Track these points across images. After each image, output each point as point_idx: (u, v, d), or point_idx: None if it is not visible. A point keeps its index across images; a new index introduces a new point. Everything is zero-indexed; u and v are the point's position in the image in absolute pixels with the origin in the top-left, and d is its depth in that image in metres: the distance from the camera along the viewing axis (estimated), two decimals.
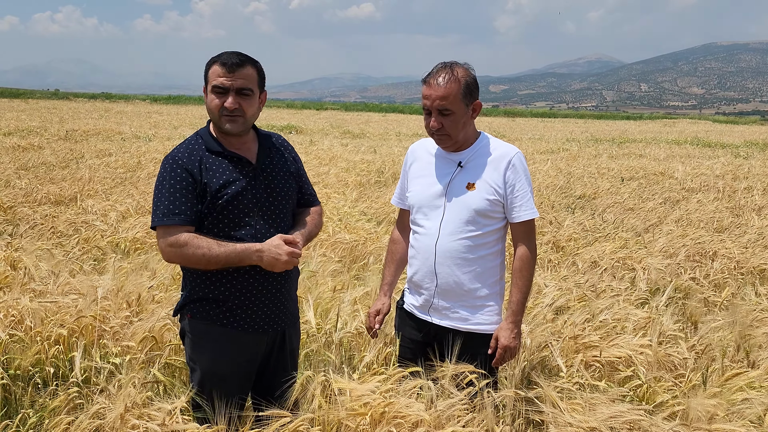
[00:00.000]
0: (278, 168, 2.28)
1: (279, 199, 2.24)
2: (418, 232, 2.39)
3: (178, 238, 2.07)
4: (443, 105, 2.19)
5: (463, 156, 2.31)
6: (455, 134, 2.25)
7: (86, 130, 19.11)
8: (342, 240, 5.66)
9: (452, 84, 2.18)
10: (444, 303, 2.35)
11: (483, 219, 2.27)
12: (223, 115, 2.12)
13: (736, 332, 3.46)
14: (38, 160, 11.14)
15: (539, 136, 25.98)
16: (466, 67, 2.26)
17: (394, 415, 1.88)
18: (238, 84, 2.10)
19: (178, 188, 2.09)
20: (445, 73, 2.20)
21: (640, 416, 2.09)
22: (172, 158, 2.15)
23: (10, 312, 3.22)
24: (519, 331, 2.31)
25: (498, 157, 2.29)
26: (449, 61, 2.26)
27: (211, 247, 2.06)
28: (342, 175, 10.46)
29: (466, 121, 2.26)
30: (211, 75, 2.12)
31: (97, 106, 41.53)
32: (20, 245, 4.93)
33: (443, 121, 2.22)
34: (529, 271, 2.32)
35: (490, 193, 2.26)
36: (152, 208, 2.12)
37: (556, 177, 11.20)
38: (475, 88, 2.25)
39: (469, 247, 2.28)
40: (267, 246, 2.10)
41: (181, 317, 2.27)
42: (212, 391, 2.13)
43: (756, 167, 13.56)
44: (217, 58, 2.12)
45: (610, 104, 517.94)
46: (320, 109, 56.57)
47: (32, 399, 2.79)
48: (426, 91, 2.22)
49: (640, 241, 6.17)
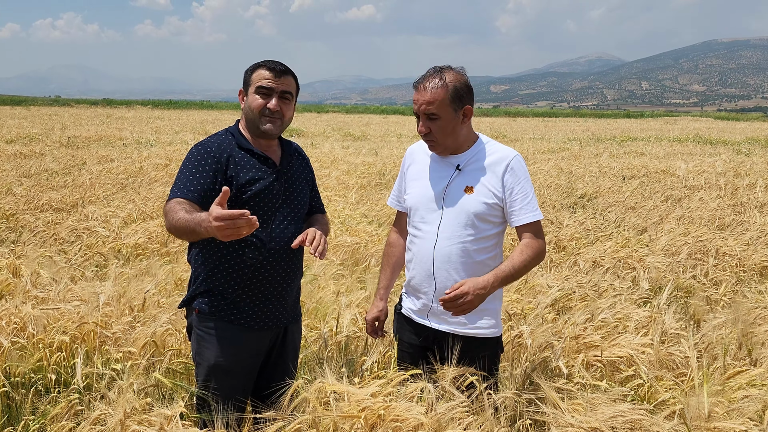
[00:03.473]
0: (297, 173, 2.37)
1: (296, 202, 2.33)
2: (416, 235, 2.37)
3: (167, 204, 2.11)
4: (430, 110, 2.19)
5: (461, 159, 2.30)
6: (443, 139, 2.25)
7: (88, 136, 19.17)
8: (344, 243, 5.67)
9: (440, 89, 2.18)
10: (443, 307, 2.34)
11: (481, 223, 2.26)
12: (264, 116, 2.21)
13: (739, 330, 3.45)
14: (40, 167, 11.18)
15: (540, 135, 25.97)
16: (458, 71, 2.24)
17: (393, 419, 1.88)
18: (282, 87, 2.21)
19: (200, 170, 2.15)
20: (435, 77, 2.20)
21: (641, 416, 2.08)
22: (202, 145, 2.22)
23: (12, 319, 3.23)
24: (485, 293, 2.12)
25: (496, 161, 2.27)
26: (442, 65, 2.25)
27: (179, 213, 2.01)
28: (343, 178, 10.47)
29: (456, 126, 2.24)
30: (255, 77, 2.22)
31: (99, 113, 41.63)
32: (23, 252, 4.95)
33: (431, 125, 2.22)
34: (530, 255, 2.21)
35: (488, 196, 2.24)
36: (171, 187, 2.18)
37: (557, 176, 11.20)
38: (465, 93, 2.22)
39: (468, 251, 2.26)
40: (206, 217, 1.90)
41: (188, 313, 2.32)
42: (217, 386, 2.19)
43: (758, 164, 13.54)
44: (263, 63, 2.23)
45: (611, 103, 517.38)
46: (321, 112, 56.68)
47: (34, 406, 2.80)
48: (415, 96, 2.23)
49: (642, 240, 6.16)
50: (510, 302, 3.81)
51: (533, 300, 4.01)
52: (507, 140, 22.56)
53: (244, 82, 2.28)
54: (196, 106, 60.82)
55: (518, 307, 3.77)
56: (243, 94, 2.29)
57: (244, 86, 2.27)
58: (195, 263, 2.29)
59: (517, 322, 3.56)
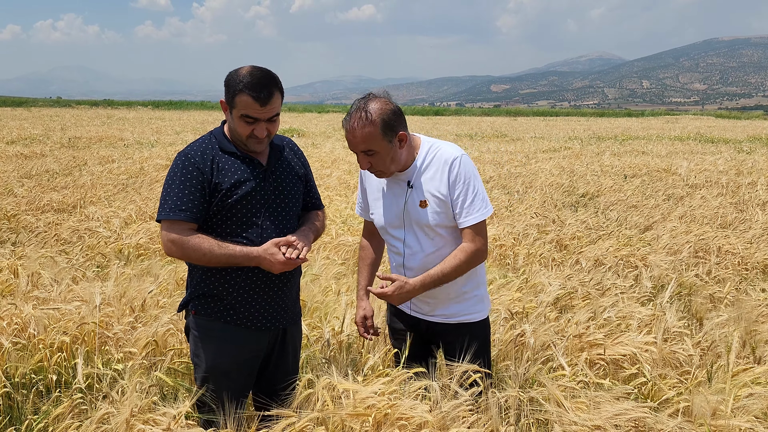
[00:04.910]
0: (287, 171, 2.33)
1: (286, 201, 2.29)
2: (391, 249, 2.48)
3: (181, 235, 2.11)
4: (365, 148, 2.21)
5: (409, 175, 2.33)
6: (386, 168, 2.28)
7: (89, 137, 19.19)
8: (345, 242, 5.67)
9: (368, 127, 2.17)
10: (426, 307, 2.43)
11: (444, 231, 2.32)
12: (251, 138, 2.15)
13: (742, 328, 3.44)
14: (41, 168, 11.19)
15: (541, 134, 25.95)
16: (382, 99, 2.22)
17: (398, 417, 1.88)
18: (268, 115, 2.12)
19: (187, 185, 2.12)
20: (359, 115, 2.18)
21: (644, 414, 2.08)
22: (185, 155, 2.17)
23: (13, 320, 3.23)
24: (407, 295, 2.25)
25: (440, 167, 2.29)
26: (365, 96, 2.25)
27: (212, 249, 2.11)
28: (344, 178, 10.46)
29: (394, 153, 2.25)
30: (239, 103, 2.09)
31: (100, 113, 41.67)
32: (24, 253, 4.95)
33: (371, 160, 2.25)
34: (462, 260, 2.26)
35: (440, 205, 2.28)
36: (160, 201, 2.15)
37: (559, 176, 11.18)
38: (395, 121, 2.21)
39: (439, 257, 2.32)
40: (263, 253, 2.13)
41: (186, 314, 2.32)
42: (215, 387, 2.18)
43: (760, 162, 13.52)
44: (246, 87, 2.06)
45: (612, 102, 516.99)
46: (322, 112, 56.66)
47: (35, 406, 2.80)
48: (347, 137, 2.24)
49: (644, 239, 6.15)
50: (512, 301, 3.81)
51: (535, 299, 4.00)
52: (508, 140, 22.55)
53: (227, 98, 2.14)
54: (197, 106, 60.84)
55: (520, 306, 3.76)
56: (227, 108, 2.17)
57: (228, 101, 2.14)
58: (191, 266, 2.28)
59: (519, 320, 3.55)
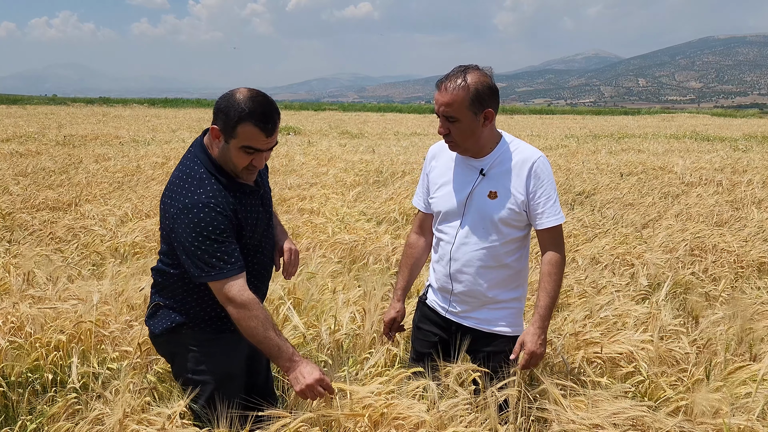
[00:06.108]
0: (266, 184, 2.30)
1: (269, 212, 2.27)
2: (440, 238, 2.38)
3: (242, 295, 1.97)
4: (448, 112, 2.13)
5: (484, 163, 2.25)
6: (462, 142, 2.20)
7: (84, 135, 19.09)
8: (341, 241, 5.64)
9: (459, 91, 2.10)
10: (465, 306, 2.36)
11: (505, 227, 2.24)
12: (246, 169, 2.04)
13: (738, 326, 3.44)
14: (36, 166, 11.12)
15: (538, 133, 25.96)
16: (483, 72, 2.14)
17: (395, 416, 1.87)
18: (271, 144, 2.01)
19: (224, 236, 1.98)
20: (457, 78, 2.12)
21: (643, 412, 2.07)
22: (206, 206, 1.97)
23: (9, 319, 3.21)
24: (545, 337, 2.24)
25: (520, 163, 2.22)
26: (468, 65, 2.17)
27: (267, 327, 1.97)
28: (341, 176, 10.44)
29: (475, 129, 2.17)
30: (242, 133, 1.92)
31: (95, 111, 41.47)
32: (19, 251, 4.92)
33: (450, 127, 2.17)
34: (558, 276, 2.27)
35: (512, 201, 2.21)
36: (197, 259, 1.95)
37: (555, 173, 11.15)
38: (488, 96, 2.13)
39: (491, 256, 2.26)
40: (304, 374, 1.95)
41: (171, 335, 2.16)
42: (225, 394, 2.11)
43: (755, 160, 13.54)
44: (252, 117, 1.91)
45: (608, 100, 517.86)
46: (318, 110, 56.53)
47: (31, 406, 2.78)
48: (436, 96, 2.17)
49: (640, 237, 6.16)
50: None
51: (531, 297, 3.99)
52: None
53: (225, 126, 1.95)
54: (193, 104, 60.62)
55: None
56: (220, 136, 1.98)
57: (225, 130, 1.96)
58: (170, 285, 2.13)
59: None
